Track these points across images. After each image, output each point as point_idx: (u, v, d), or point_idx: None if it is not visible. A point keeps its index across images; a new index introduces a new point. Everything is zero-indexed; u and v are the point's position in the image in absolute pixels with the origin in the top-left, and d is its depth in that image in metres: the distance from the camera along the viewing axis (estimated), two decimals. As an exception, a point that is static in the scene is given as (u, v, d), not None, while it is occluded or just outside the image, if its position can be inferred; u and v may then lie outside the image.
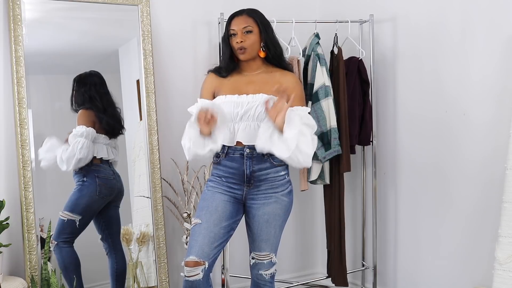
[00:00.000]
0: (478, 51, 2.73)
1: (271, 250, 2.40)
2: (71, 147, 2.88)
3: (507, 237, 2.45)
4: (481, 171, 2.74)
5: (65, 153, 2.87)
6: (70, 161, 2.88)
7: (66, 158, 2.87)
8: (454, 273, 2.92)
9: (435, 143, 2.98)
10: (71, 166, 2.89)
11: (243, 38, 2.33)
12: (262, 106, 2.27)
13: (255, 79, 2.37)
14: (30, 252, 2.75)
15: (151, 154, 3.08)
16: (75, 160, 2.89)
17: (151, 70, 3.08)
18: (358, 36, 3.27)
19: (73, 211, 2.92)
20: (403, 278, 3.26)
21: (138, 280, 3.11)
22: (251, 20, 2.36)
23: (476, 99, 2.75)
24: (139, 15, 3.05)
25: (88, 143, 2.92)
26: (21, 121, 2.76)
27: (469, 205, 2.82)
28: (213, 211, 2.29)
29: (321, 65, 2.99)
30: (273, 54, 2.40)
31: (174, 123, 3.12)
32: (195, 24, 3.27)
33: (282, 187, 2.36)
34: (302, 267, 3.71)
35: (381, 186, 3.32)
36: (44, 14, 2.92)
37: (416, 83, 3.09)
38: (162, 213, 3.10)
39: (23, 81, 2.76)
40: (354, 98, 3.16)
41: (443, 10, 2.89)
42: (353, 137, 3.15)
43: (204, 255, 2.21)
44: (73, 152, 2.88)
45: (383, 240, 3.34)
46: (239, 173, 2.32)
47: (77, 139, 2.90)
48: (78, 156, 2.88)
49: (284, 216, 2.38)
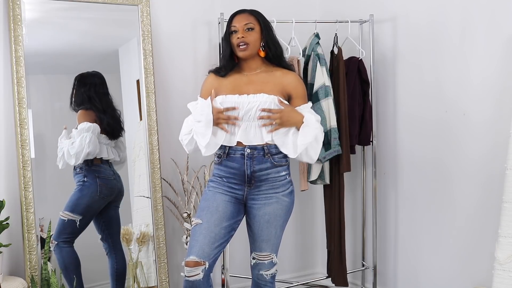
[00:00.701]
0: (478, 51, 2.73)
1: (272, 251, 2.40)
2: (79, 142, 2.89)
3: (507, 237, 2.45)
4: (481, 171, 2.74)
5: (72, 148, 2.88)
6: (79, 156, 2.90)
7: (75, 153, 2.89)
8: (454, 273, 2.92)
9: (435, 143, 2.98)
10: (80, 160, 2.91)
11: (244, 34, 2.33)
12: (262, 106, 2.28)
13: (255, 79, 2.37)
14: (30, 252, 2.75)
15: (151, 154, 3.08)
16: (84, 154, 2.90)
17: (151, 70, 3.08)
18: (358, 36, 3.27)
19: (74, 211, 2.92)
20: (403, 278, 3.26)
21: (138, 280, 3.10)
22: (253, 18, 2.37)
23: (476, 99, 2.75)
24: (139, 15, 3.05)
25: (95, 138, 2.93)
26: (21, 121, 2.76)
27: (469, 205, 2.82)
28: (214, 211, 2.29)
29: (321, 65, 2.99)
30: (274, 54, 2.40)
31: (174, 123, 3.12)
32: (195, 24, 3.27)
33: (283, 187, 2.36)
34: (302, 267, 3.71)
35: (381, 186, 3.32)
36: (44, 14, 2.92)
37: (416, 83, 3.09)
38: (162, 213, 3.10)
39: (23, 81, 2.76)
40: (354, 98, 3.16)
41: (443, 10, 2.89)
42: (353, 137, 3.15)
43: (205, 255, 2.21)
44: (81, 147, 2.89)
45: (383, 240, 3.34)
46: (240, 173, 2.32)
47: (83, 134, 2.91)
48: (87, 150, 2.90)
49: (285, 216, 2.38)
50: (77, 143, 2.89)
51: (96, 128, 2.95)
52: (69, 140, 2.90)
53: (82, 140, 2.90)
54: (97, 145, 2.94)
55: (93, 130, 2.93)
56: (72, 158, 2.89)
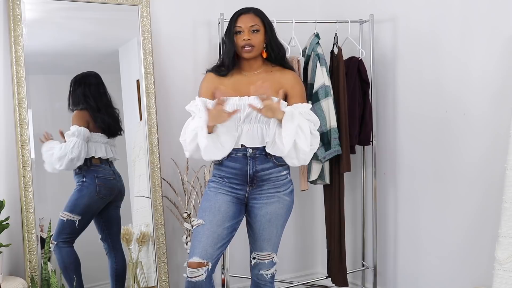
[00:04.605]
0: (478, 51, 2.73)
1: (273, 250, 2.40)
2: (64, 146, 2.88)
3: (507, 237, 2.45)
4: (481, 171, 2.75)
5: (58, 151, 2.87)
6: (62, 160, 2.87)
7: (58, 157, 2.86)
8: (454, 273, 2.92)
9: (435, 143, 2.99)
10: (63, 166, 2.88)
11: (250, 36, 2.33)
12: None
13: (255, 80, 2.36)
14: (30, 252, 2.75)
15: (151, 154, 3.08)
16: (66, 160, 2.88)
17: (151, 70, 3.08)
18: (358, 36, 3.27)
19: (73, 211, 2.92)
20: (403, 278, 3.26)
21: (138, 280, 3.10)
22: (259, 20, 2.37)
23: (476, 99, 2.75)
24: (139, 15, 3.05)
25: (81, 143, 2.91)
26: (21, 121, 2.75)
27: (469, 205, 2.82)
28: (216, 212, 2.29)
29: (321, 65, 2.99)
30: (277, 55, 2.40)
31: (174, 123, 3.11)
32: (195, 24, 3.27)
33: (284, 186, 2.37)
34: (302, 267, 3.71)
35: (381, 186, 3.32)
36: (44, 14, 2.91)
37: (416, 83, 3.09)
38: (162, 213, 3.09)
39: (23, 81, 2.76)
40: (354, 98, 3.16)
41: (443, 10, 2.90)
42: (353, 137, 3.15)
43: (208, 256, 2.21)
44: (64, 152, 2.87)
45: (383, 240, 3.34)
46: (242, 173, 2.32)
47: (69, 139, 2.89)
48: (69, 156, 2.87)
49: (286, 215, 2.39)
50: (62, 147, 2.88)
51: (82, 132, 2.92)
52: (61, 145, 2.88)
53: (67, 145, 2.88)
54: (83, 150, 2.92)
55: (78, 134, 2.90)
56: (57, 163, 2.87)
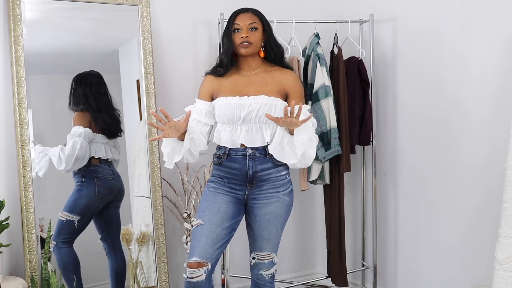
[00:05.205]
0: (478, 51, 2.73)
1: (272, 250, 2.40)
2: (70, 146, 2.88)
3: (507, 237, 2.45)
4: (481, 171, 2.75)
5: (63, 152, 2.87)
6: (69, 160, 2.88)
7: (66, 157, 2.87)
8: (454, 273, 2.92)
9: (435, 143, 2.99)
10: (69, 166, 2.88)
11: (248, 34, 2.34)
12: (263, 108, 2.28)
13: (254, 80, 2.37)
14: (30, 252, 2.75)
15: (151, 154, 3.08)
16: (73, 160, 2.88)
17: (151, 70, 3.08)
18: (358, 36, 3.27)
19: (72, 211, 2.92)
20: (403, 278, 3.26)
21: (138, 280, 3.10)
22: (257, 18, 2.37)
23: (476, 99, 2.75)
24: (139, 15, 3.05)
25: (86, 144, 2.91)
26: (21, 121, 2.76)
27: (469, 205, 2.82)
28: (215, 212, 2.29)
29: (321, 65, 2.99)
30: (276, 55, 2.41)
31: (174, 123, 3.12)
32: (195, 24, 3.27)
33: (284, 186, 2.37)
34: (302, 267, 3.71)
35: (381, 186, 3.32)
36: (44, 14, 2.92)
37: (416, 83, 3.09)
38: (162, 213, 3.09)
39: (23, 81, 2.76)
40: (354, 98, 3.16)
41: (443, 10, 2.90)
42: (353, 137, 3.15)
43: (207, 256, 2.21)
44: (72, 151, 2.87)
45: (383, 240, 3.34)
46: (241, 173, 2.32)
47: (75, 139, 2.89)
48: (76, 156, 2.88)
49: (285, 215, 2.39)
50: (69, 147, 2.87)
51: (88, 133, 2.93)
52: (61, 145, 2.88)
53: (74, 145, 2.88)
54: (87, 151, 2.92)
55: (84, 135, 2.91)
56: (62, 163, 2.86)
